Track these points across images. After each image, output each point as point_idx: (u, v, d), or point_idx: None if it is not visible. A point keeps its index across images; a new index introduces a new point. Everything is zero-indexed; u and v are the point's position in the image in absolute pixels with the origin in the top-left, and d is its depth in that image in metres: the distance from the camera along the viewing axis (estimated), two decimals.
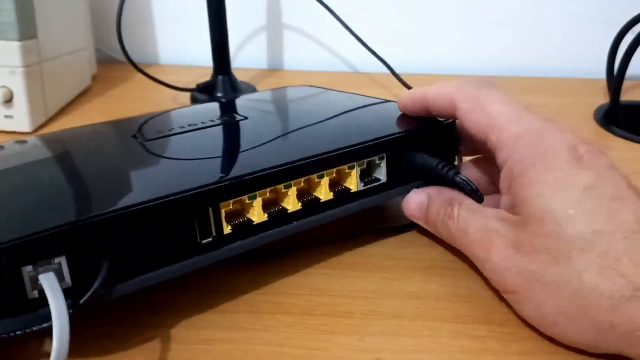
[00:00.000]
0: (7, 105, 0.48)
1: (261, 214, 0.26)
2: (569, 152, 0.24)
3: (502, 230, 0.25)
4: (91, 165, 0.28)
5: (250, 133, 0.32)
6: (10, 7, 0.46)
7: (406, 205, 0.30)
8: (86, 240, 0.21)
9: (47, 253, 0.20)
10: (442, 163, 0.29)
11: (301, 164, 0.26)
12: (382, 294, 0.28)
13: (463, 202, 0.28)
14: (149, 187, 0.24)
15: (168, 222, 0.23)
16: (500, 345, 0.24)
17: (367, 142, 0.28)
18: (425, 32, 0.71)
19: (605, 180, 0.23)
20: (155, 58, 0.75)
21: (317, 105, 0.39)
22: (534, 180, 0.24)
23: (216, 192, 0.24)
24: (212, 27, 0.56)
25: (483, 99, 0.27)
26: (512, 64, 0.70)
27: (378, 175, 0.30)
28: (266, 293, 0.28)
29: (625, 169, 0.44)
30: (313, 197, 0.27)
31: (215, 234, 0.24)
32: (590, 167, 0.24)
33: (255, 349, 0.24)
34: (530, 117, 0.26)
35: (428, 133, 0.31)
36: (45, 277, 0.20)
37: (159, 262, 0.23)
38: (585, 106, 0.56)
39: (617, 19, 0.54)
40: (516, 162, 0.25)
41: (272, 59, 0.74)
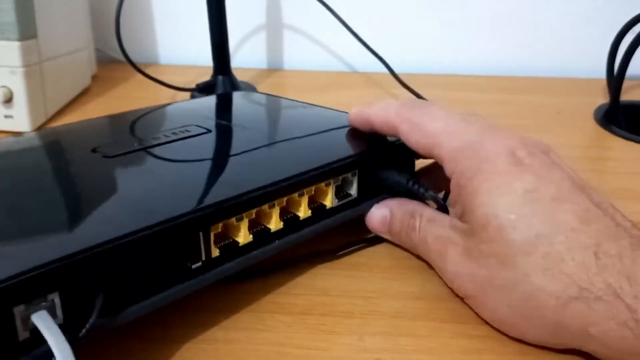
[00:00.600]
0: (7, 105, 0.48)
1: (247, 234, 0.26)
2: (507, 157, 0.25)
3: (454, 238, 0.26)
4: (64, 182, 0.27)
5: (222, 148, 0.32)
6: (10, 7, 0.46)
7: (369, 221, 0.31)
8: (79, 274, 0.20)
9: (41, 290, 0.19)
10: (412, 180, 0.30)
11: (288, 183, 0.27)
12: (382, 294, 0.28)
13: (424, 214, 0.28)
14: (138, 214, 0.23)
15: (160, 250, 0.23)
16: (500, 345, 0.24)
17: (345, 159, 0.29)
18: (425, 32, 0.71)
19: (545, 182, 0.24)
20: (155, 58, 0.75)
21: (282, 118, 0.40)
22: (476, 189, 0.25)
23: (209, 216, 0.24)
24: (212, 27, 0.56)
25: (420, 119, 0.28)
26: (512, 64, 0.70)
27: (349, 191, 0.30)
28: (266, 293, 0.28)
29: (625, 169, 0.44)
30: (292, 215, 0.28)
31: (205, 258, 0.24)
32: (529, 170, 0.24)
33: (256, 349, 0.24)
34: (468, 129, 0.27)
35: (396, 147, 0.31)
36: (39, 315, 0.19)
37: (151, 290, 0.23)
38: (585, 106, 0.56)
39: (616, 19, 0.54)
40: (460, 174, 0.26)
41: (272, 59, 0.74)
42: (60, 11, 0.54)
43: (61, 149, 0.33)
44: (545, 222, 0.23)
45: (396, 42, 0.71)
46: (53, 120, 0.52)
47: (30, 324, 0.19)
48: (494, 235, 0.24)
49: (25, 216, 0.23)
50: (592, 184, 0.25)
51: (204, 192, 0.26)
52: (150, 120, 0.38)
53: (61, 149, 0.33)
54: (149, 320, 0.26)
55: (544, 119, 0.53)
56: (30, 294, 0.19)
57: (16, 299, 0.19)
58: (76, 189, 0.27)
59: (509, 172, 0.24)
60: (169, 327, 0.25)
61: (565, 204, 0.23)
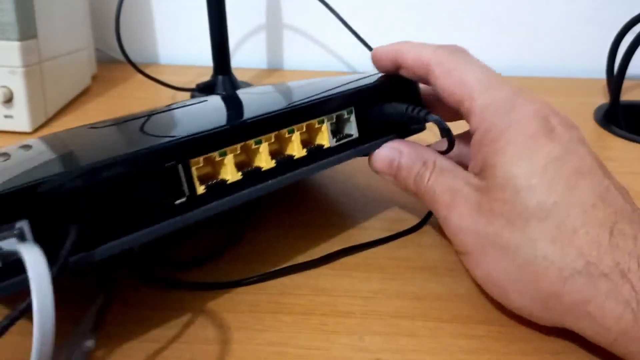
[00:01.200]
0: (7, 105, 0.48)
1: (235, 172, 0.25)
2: (539, 122, 0.24)
3: (465, 192, 0.25)
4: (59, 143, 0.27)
5: (214, 110, 0.32)
6: (10, 7, 0.46)
7: (375, 160, 0.30)
8: (49, 202, 0.20)
9: (8, 216, 0.19)
10: (411, 106, 0.29)
11: (268, 116, 0.26)
12: (382, 294, 0.28)
13: (437, 163, 0.27)
14: (117, 149, 0.23)
15: (136, 181, 0.22)
16: (500, 345, 0.24)
17: (333, 95, 0.28)
18: (425, 32, 0.71)
19: (572, 154, 0.23)
20: (155, 58, 0.75)
21: (289, 87, 0.40)
22: (502, 148, 0.24)
23: (184, 147, 0.23)
24: (212, 27, 0.56)
25: (458, 66, 0.27)
26: (512, 64, 0.70)
27: (349, 131, 0.29)
28: (267, 293, 0.28)
29: (625, 169, 0.44)
30: (286, 155, 0.27)
31: (189, 194, 0.24)
32: (558, 139, 0.24)
33: (256, 349, 0.24)
34: (503, 87, 0.26)
35: (396, 85, 0.31)
36: (8, 242, 0.18)
37: (132, 225, 0.22)
38: (585, 106, 0.56)
39: (616, 19, 0.54)
40: (486, 130, 0.25)
41: (272, 59, 0.74)
42: (60, 11, 0.54)
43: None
44: (565, 192, 0.22)
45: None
46: (53, 120, 0.52)
47: (2, 253, 0.18)
48: (511, 196, 0.23)
49: (13, 163, 0.24)
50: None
51: (182, 128, 0.25)
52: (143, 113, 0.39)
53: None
54: (149, 321, 0.26)
55: None
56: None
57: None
58: (62, 148, 0.27)
59: (538, 138, 0.24)
60: (168, 328, 0.25)
61: (588, 179, 0.23)
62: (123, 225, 0.22)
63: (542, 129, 0.24)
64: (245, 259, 0.30)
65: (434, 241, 0.32)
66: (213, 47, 0.57)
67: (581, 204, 0.22)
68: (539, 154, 0.23)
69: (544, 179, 0.23)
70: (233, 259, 0.30)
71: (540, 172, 0.23)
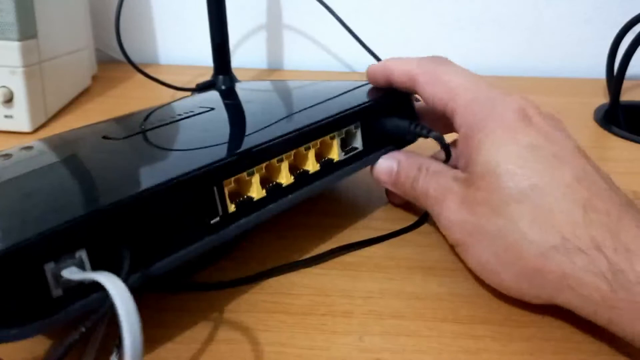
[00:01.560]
0: (7, 105, 0.48)
1: (260, 190, 0.27)
2: (516, 113, 0.26)
3: (454, 188, 0.27)
4: (85, 163, 0.28)
5: (229, 120, 0.33)
6: (10, 7, 0.46)
7: (376, 172, 0.32)
8: (103, 231, 0.21)
9: (68, 247, 0.20)
10: (414, 123, 0.31)
11: (291, 136, 0.28)
12: (382, 294, 0.28)
13: (430, 167, 0.30)
14: (156, 174, 0.24)
15: (179, 205, 0.23)
16: (500, 345, 0.24)
17: (346, 111, 0.30)
18: (425, 32, 0.71)
19: (549, 141, 0.25)
20: (155, 58, 0.75)
21: (286, 90, 0.41)
22: (482, 140, 0.26)
23: (220, 170, 0.25)
24: (212, 26, 0.56)
25: (440, 72, 0.30)
26: (512, 64, 0.70)
27: (355, 144, 0.31)
28: (267, 293, 0.28)
29: (625, 169, 0.44)
30: (302, 170, 0.29)
31: (222, 213, 0.25)
32: (536, 128, 0.26)
33: (256, 349, 0.24)
34: (482, 86, 0.28)
35: (396, 101, 0.33)
36: (69, 271, 0.20)
37: (175, 245, 0.24)
38: (585, 106, 0.56)
39: (616, 19, 0.54)
40: (469, 125, 0.27)
41: (271, 59, 0.74)
42: (60, 11, 0.54)
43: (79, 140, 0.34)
44: (542, 176, 0.24)
45: (396, 42, 0.71)
46: (53, 121, 0.52)
47: (63, 281, 0.20)
48: (491, 183, 0.25)
49: (53, 185, 0.25)
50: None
51: (215, 151, 0.26)
52: (158, 111, 0.39)
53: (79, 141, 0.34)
54: (149, 321, 0.26)
55: None
56: (58, 250, 0.19)
57: (45, 256, 0.19)
58: (98, 164, 0.28)
59: (515, 127, 0.25)
60: (169, 328, 0.25)
61: (565, 163, 0.24)
62: (167, 246, 0.23)
63: (520, 119, 0.26)
64: (244, 260, 0.30)
65: (434, 241, 0.32)
66: (213, 47, 0.57)
67: (558, 185, 0.24)
68: (516, 141, 0.25)
69: (521, 164, 0.24)
70: (231, 261, 0.30)
71: (518, 157, 0.25)
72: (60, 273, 0.19)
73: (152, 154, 0.28)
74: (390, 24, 0.70)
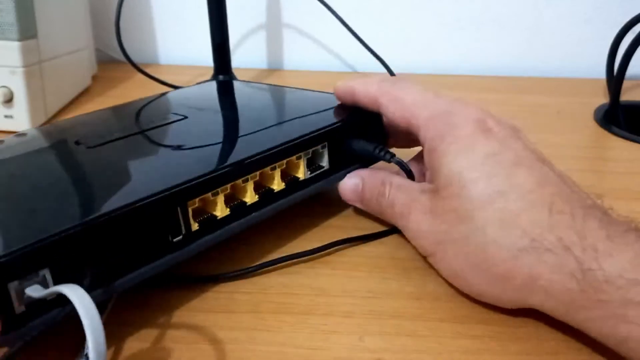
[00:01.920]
0: (7, 105, 0.48)
1: (224, 208, 0.27)
2: (475, 124, 0.27)
3: (421, 200, 0.28)
4: (51, 172, 0.28)
5: (198, 132, 0.33)
6: (10, 7, 0.46)
7: (342, 190, 0.33)
8: (67, 251, 0.21)
9: (33, 267, 0.20)
10: (378, 147, 0.32)
11: (259, 157, 0.28)
12: (382, 294, 0.28)
13: (393, 181, 0.30)
14: (121, 193, 0.24)
15: (142, 224, 0.24)
16: (500, 345, 0.24)
17: (313, 133, 0.31)
18: (425, 32, 0.71)
19: (508, 149, 0.26)
20: (155, 58, 0.75)
21: (255, 99, 0.42)
22: (444, 151, 0.27)
23: (185, 192, 0.25)
24: (213, 26, 0.56)
25: (399, 93, 0.31)
26: (512, 64, 0.70)
27: (321, 163, 0.32)
28: (267, 293, 0.28)
29: (625, 169, 0.44)
30: (267, 188, 0.29)
31: (185, 232, 0.26)
32: (495, 137, 0.26)
33: (257, 349, 0.24)
34: (440, 101, 0.29)
35: (363, 121, 0.33)
36: (33, 289, 0.20)
37: (137, 263, 0.24)
38: (585, 106, 0.56)
39: (616, 19, 0.54)
40: (431, 139, 0.28)
41: (272, 59, 0.74)
42: (60, 11, 0.54)
43: (49, 143, 0.34)
44: (504, 181, 0.25)
45: (396, 42, 0.71)
46: (53, 120, 0.52)
47: (26, 298, 0.20)
48: (456, 191, 0.25)
49: (16, 202, 0.25)
50: (590, 184, 0.25)
51: (180, 171, 0.27)
52: (135, 111, 0.39)
53: (49, 143, 0.34)
54: (149, 321, 0.26)
55: (544, 119, 0.53)
56: (22, 270, 0.20)
57: (10, 275, 0.20)
58: (62, 176, 0.28)
59: (475, 137, 0.26)
60: (169, 328, 0.25)
61: (525, 168, 0.25)
62: (129, 265, 0.24)
63: (478, 129, 0.27)
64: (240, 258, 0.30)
65: None
66: (213, 46, 0.57)
67: (520, 189, 0.24)
68: (477, 150, 0.26)
69: (484, 171, 0.25)
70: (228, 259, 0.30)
71: (480, 165, 0.25)
72: (24, 291, 0.20)
73: (120, 168, 0.28)
74: (391, 24, 0.70)
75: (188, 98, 0.42)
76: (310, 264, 0.30)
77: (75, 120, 0.38)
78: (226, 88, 0.47)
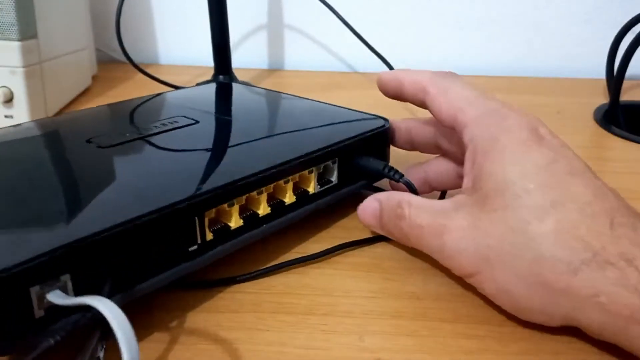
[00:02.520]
0: (7, 105, 0.48)
1: (237, 219, 0.27)
2: (529, 131, 0.26)
3: (457, 215, 0.26)
4: (67, 173, 0.28)
5: (212, 139, 0.33)
6: (10, 7, 0.46)
7: (362, 215, 0.31)
8: (88, 257, 0.22)
9: (54, 272, 0.21)
10: (387, 167, 0.33)
11: (275, 171, 0.29)
12: (382, 294, 0.28)
13: (411, 201, 0.28)
14: (141, 201, 0.24)
15: (160, 233, 0.24)
16: (500, 345, 0.24)
17: (326, 148, 0.31)
18: (425, 32, 0.71)
19: (562, 158, 0.25)
20: (155, 58, 0.75)
21: (264, 106, 0.42)
22: (496, 155, 0.25)
23: (204, 202, 0.26)
24: (213, 26, 0.56)
25: (450, 86, 0.30)
26: (512, 64, 0.70)
27: (330, 177, 0.32)
28: (268, 293, 0.28)
29: (625, 169, 0.44)
30: (279, 200, 0.30)
31: (200, 241, 0.26)
32: (549, 146, 0.25)
33: (257, 349, 0.24)
34: (491, 102, 0.28)
35: (372, 136, 0.34)
36: (54, 295, 0.20)
37: (154, 270, 0.24)
38: (585, 106, 0.56)
39: (616, 19, 0.54)
40: (481, 139, 0.26)
41: (272, 59, 0.74)
42: (60, 11, 0.54)
43: (60, 139, 0.34)
44: (561, 192, 0.24)
45: (396, 42, 0.71)
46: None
47: (45, 302, 0.20)
48: (510, 201, 0.24)
49: (37, 205, 0.25)
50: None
51: (198, 180, 0.27)
52: (143, 111, 0.39)
53: (61, 140, 0.34)
54: (149, 321, 0.26)
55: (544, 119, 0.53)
56: (44, 275, 0.20)
57: (32, 280, 0.20)
58: (80, 178, 0.28)
59: (530, 144, 0.25)
60: (168, 328, 0.25)
61: (580, 179, 0.24)
62: (146, 272, 0.24)
63: (533, 137, 0.26)
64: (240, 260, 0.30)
65: None
66: (214, 46, 0.57)
67: (577, 200, 0.23)
68: (532, 159, 0.25)
69: (539, 181, 0.24)
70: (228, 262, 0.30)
71: (535, 175, 0.24)
72: (46, 296, 0.20)
73: (139, 173, 0.28)
74: (391, 24, 0.70)
75: (194, 101, 0.41)
76: (312, 265, 0.30)
77: (80, 115, 0.38)
78: (228, 91, 0.46)
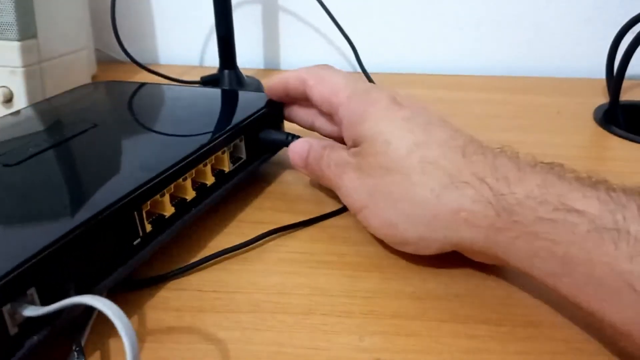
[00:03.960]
0: (7, 105, 0.48)
1: (170, 207, 0.29)
2: (390, 100, 0.31)
3: (351, 161, 0.31)
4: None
5: (121, 139, 0.34)
6: (10, 7, 0.46)
7: (291, 153, 0.35)
8: (48, 268, 0.22)
9: (22, 288, 0.21)
10: (290, 135, 0.37)
11: (196, 155, 0.31)
12: (381, 294, 0.28)
13: (333, 147, 0.33)
14: (85, 206, 0.25)
15: (108, 232, 0.25)
16: (500, 345, 0.24)
17: (235, 128, 0.34)
18: (425, 32, 0.71)
19: (420, 114, 0.30)
20: (155, 58, 0.75)
21: (157, 100, 0.43)
22: (365, 119, 0.30)
23: (140, 196, 0.27)
24: (218, 20, 0.56)
25: (325, 74, 0.35)
26: (512, 64, 0.70)
27: (240, 154, 0.35)
28: (267, 293, 0.28)
29: (625, 169, 0.44)
30: (201, 183, 0.32)
31: (142, 234, 0.27)
32: (408, 107, 0.30)
33: (257, 349, 0.24)
34: (359, 84, 0.33)
35: (272, 111, 0.38)
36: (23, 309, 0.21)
37: (108, 269, 0.25)
38: (585, 106, 0.56)
39: (616, 19, 0.54)
40: (352, 113, 0.32)
41: (269, 59, 0.74)
42: (60, 11, 0.54)
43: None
44: (422, 135, 0.28)
45: (396, 42, 0.71)
46: None
47: (18, 318, 0.21)
48: (380, 148, 0.29)
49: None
50: None
51: (128, 178, 0.28)
52: (39, 120, 0.39)
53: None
54: (148, 321, 0.26)
55: (544, 119, 0.53)
56: (13, 293, 0.21)
57: (3, 300, 0.20)
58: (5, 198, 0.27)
59: (390, 108, 0.30)
60: (168, 328, 0.25)
61: (437, 126, 0.29)
62: (102, 269, 0.25)
63: (393, 102, 0.31)
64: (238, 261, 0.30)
65: None
66: (219, 40, 0.57)
67: (436, 141, 0.28)
68: (395, 116, 0.30)
69: (405, 129, 0.29)
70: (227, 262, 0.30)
71: (399, 126, 0.29)
72: (22, 312, 0.21)
73: (68, 182, 0.28)
74: (390, 25, 0.70)
75: (84, 105, 0.41)
76: (310, 264, 0.30)
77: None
78: (114, 90, 0.46)
